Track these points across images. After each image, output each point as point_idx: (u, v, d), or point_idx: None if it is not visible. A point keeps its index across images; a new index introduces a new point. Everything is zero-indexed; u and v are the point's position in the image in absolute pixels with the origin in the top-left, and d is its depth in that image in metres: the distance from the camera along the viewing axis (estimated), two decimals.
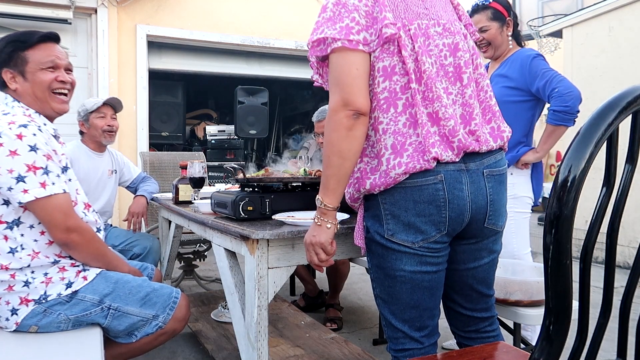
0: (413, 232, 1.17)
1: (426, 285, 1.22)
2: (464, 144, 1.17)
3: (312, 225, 1.24)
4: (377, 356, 2.30)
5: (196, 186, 2.15)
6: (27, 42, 1.58)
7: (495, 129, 1.27)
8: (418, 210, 1.16)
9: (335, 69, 1.16)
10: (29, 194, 1.42)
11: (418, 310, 1.25)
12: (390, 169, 1.16)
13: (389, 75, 1.17)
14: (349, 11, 1.15)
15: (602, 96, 4.44)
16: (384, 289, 1.26)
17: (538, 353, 0.67)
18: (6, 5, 4.40)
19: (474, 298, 1.34)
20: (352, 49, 1.14)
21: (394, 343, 1.29)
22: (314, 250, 1.23)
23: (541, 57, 2.17)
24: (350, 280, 3.53)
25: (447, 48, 1.21)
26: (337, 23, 1.14)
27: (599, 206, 0.75)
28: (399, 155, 1.15)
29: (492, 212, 1.24)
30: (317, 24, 1.18)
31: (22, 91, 1.58)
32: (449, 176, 1.16)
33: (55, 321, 1.52)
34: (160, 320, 1.61)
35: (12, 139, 1.43)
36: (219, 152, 6.23)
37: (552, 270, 0.64)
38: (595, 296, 1.24)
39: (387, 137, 1.17)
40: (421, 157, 1.14)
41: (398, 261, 1.20)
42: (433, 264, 1.21)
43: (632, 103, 0.68)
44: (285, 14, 5.64)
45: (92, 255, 1.59)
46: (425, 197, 1.16)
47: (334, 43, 1.14)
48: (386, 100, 1.17)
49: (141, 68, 5.04)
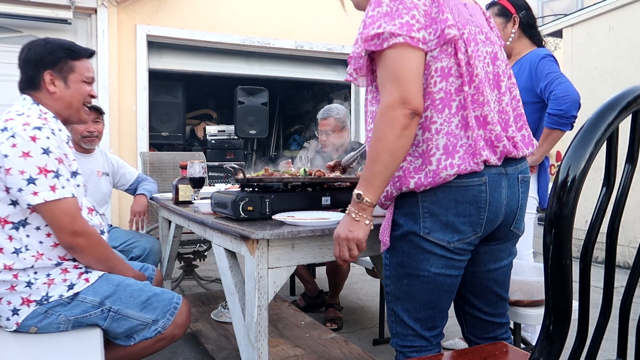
0: (450, 232, 1.19)
1: (446, 288, 1.25)
2: (507, 149, 1.22)
3: (346, 220, 1.22)
4: (377, 356, 2.30)
5: (196, 186, 2.15)
6: (79, 53, 1.66)
7: (526, 137, 1.32)
8: (459, 210, 1.18)
9: (393, 65, 1.13)
10: (38, 197, 1.43)
11: (433, 311, 1.27)
12: (441, 170, 1.16)
13: (445, 76, 1.18)
14: (408, 8, 1.13)
15: (602, 96, 4.44)
16: (401, 287, 1.27)
17: (538, 353, 0.67)
18: (6, 5, 4.39)
19: (493, 301, 1.37)
20: (413, 46, 1.12)
21: (401, 339, 1.31)
22: (349, 245, 1.21)
23: (550, 58, 2.13)
24: (350, 280, 3.53)
25: (489, 56, 1.26)
26: (396, 19, 1.12)
27: (599, 206, 0.75)
28: (450, 157, 1.16)
29: (520, 216, 1.29)
30: (371, 18, 1.15)
31: (60, 96, 1.62)
32: (491, 179, 1.19)
33: (55, 322, 1.52)
34: (160, 325, 1.61)
35: (26, 141, 1.44)
36: (219, 152, 6.23)
37: (552, 270, 0.64)
38: (595, 296, 1.24)
39: (439, 138, 1.17)
40: (472, 160, 1.16)
41: (425, 262, 1.22)
42: (457, 267, 1.24)
43: (632, 103, 0.68)
44: (285, 14, 5.64)
45: (97, 259, 1.59)
46: (468, 198, 1.18)
47: (394, 38, 1.12)
48: (441, 101, 1.17)
49: (141, 68, 5.04)
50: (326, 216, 1.52)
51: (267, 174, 1.75)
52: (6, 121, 1.49)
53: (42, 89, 1.60)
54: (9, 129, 1.46)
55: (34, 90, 1.61)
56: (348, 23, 5.99)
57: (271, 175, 1.73)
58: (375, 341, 2.65)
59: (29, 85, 1.61)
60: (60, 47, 1.63)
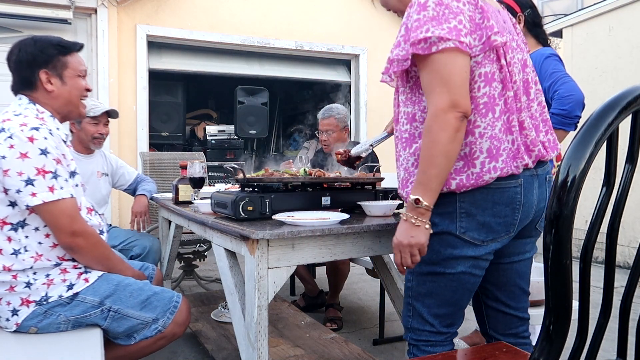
0: (485, 232, 1.23)
1: (469, 287, 1.30)
2: (541, 154, 1.26)
3: (405, 226, 1.21)
4: (377, 356, 2.30)
5: (196, 186, 2.15)
6: (70, 48, 1.65)
7: (551, 141, 1.35)
8: (495, 211, 1.22)
9: (443, 69, 1.15)
10: (37, 198, 1.43)
11: (454, 308, 1.32)
12: (484, 172, 1.20)
13: (489, 81, 1.21)
14: (455, 13, 1.15)
15: (602, 96, 4.44)
16: (425, 283, 1.31)
17: (538, 353, 0.67)
18: (6, 5, 4.39)
19: (516, 294, 1.41)
20: (462, 51, 1.15)
21: (416, 334, 1.34)
22: (411, 251, 1.21)
23: (555, 57, 2.11)
24: (350, 280, 3.53)
25: (520, 63, 1.29)
26: (444, 23, 1.14)
27: (599, 206, 0.75)
28: (494, 160, 1.20)
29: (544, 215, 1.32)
30: (418, 22, 1.16)
31: (58, 93, 1.61)
32: (526, 181, 1.24)
33: (55, 322, 1.52)
34: (160, 324, 1.61)
35: (23, 142, 1.43)
36: (219, 152, 6.23)
37: (552, 270, 0.64)
38: (595, 296, 1.24)
39: (483, 141, 1.20)
40: (512, 163, 1.21)
41: (454, 260, 1.25)
42: (482, 267, 1.29)
43: (632, 103, 0.68)
44: (285, 14, 5.64)
45: (96, 259, 1.59)
46: (505, 199, 1.22)
47: (443, 43, 1.13)
48: (485, 105, 1.20)
49: (141, 68, 5.04)
50: (326, 216, 1.52)
51: (267, 174, 1.75)
52: (3, 122, 1.48)
53: (39, 89, 1.59)
54: (6, 129, 1.45)
55: (30, 90, 1.60)
56: (348, 23, 6.01)
57: (271, 175, 1.73)
58: (375, 341, 2.65)
59: (25, 85, 1.60)
60: (51, 45, 1.61)
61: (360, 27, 5.98)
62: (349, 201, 1.78)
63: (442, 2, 1.16)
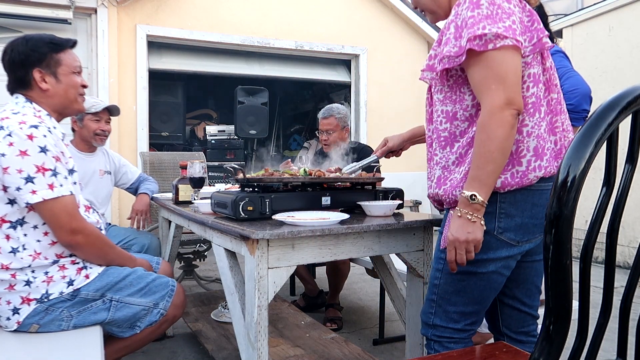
0: (522, 233, 1.24)
1: (496, 286, 1.31)
2: None
3: (460, 223, 1.20)
4: (377, 356, 2.30)
5: (196, 186, 2.15)
6: (62, 45, 1.64)
7: None
8: (533, 212, 1.24)
9: (499, 67, 1.16)
10: (37, 195, 1.43)
11: (480, 307, 1.33)
12: (530, 171, 1.21)
13: (536, 82, 1.23)
14: (507, 14, 1.17)
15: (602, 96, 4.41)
16: (453, 281, 1.31)
17: (538, 353, 0.67)
18: (6, 5, 4.39)
19: (532, 292, 1.42)
20: (519, 49, 1.17)
21: (439, 331, 1.34)
22: (467, 247, 1.20)
23: (560, 54, 2.10)
24: (350, 280, 3.53)
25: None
26: (499, 22, 1.15)
27: (599, 206, 0.75)
28: (539, 159, 1.22)
29: None
30: (472, 19, 1.17)
31: (53, 92, 1.61)
32: None
33: (57, 318, 1.52)
34: (161, 307, 1.66)
35: (22, 139, 1.44)
36: (219, 152, 6.23)
37: (552, 270, 0.64)
38: (595, 296, 1.24)
39: (530, 140, 1.22)
40: (554, 163, 1.23)
41: (487, 260, 1.26)
42: (510, 268, 1.30)
43: (632, 103, 0.68)
44: (285, 14, 5.64)
45: (96, 255, 1.61)
46: (543, 201, 1.23)
47: (501, 40, 1.15)
48: (533, 105, 1.22)
49: (141, 68, 5.04)
50: (326, 216, 1.52)
51: (267, 174, 1.75)
52: (2, 120, 1.48)
53: (34, 88, 1.59)
54: (5, 127, 1.45)
55: (26, 90, 1.60)
56: (348, 23, 6.01)
57: (271, 175, 1.73)
58: (375, 341, 2.65)
59: (20, 85, 1.60)
60: (43, 43, 1.61)
61: (360, 27, 5.98)
62: (349, 201, 1.78)
63: (495, 2, 1.17)
